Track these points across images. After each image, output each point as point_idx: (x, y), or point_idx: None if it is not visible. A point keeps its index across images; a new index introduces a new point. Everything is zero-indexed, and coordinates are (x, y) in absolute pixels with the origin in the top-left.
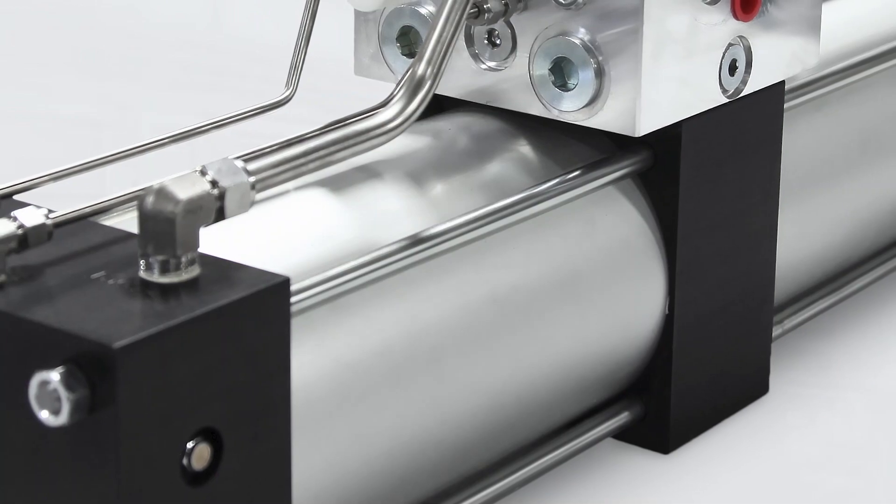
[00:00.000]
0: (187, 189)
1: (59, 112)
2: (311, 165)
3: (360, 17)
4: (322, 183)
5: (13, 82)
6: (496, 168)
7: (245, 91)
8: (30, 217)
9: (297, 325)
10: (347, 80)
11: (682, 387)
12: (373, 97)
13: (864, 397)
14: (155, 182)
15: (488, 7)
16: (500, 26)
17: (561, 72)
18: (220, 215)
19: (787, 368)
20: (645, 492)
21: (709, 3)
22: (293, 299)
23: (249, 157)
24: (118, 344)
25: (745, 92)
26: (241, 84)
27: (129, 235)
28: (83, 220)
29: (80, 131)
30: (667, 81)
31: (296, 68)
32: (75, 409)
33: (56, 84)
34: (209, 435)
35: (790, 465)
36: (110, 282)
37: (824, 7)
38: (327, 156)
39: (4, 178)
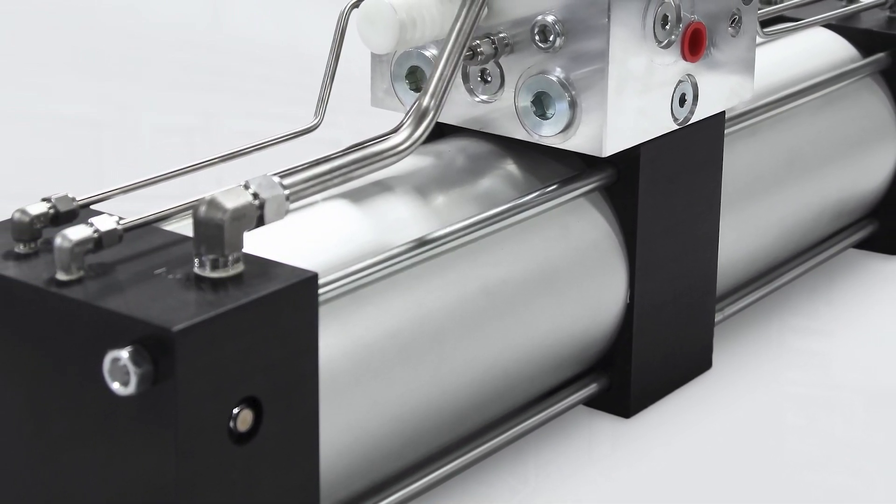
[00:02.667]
0: (233, 200)
1: (59, 112)
2: (336, 181)
3: (375, 58)
4: (344, 195)
5: (13, 82)
6: (487, 183)
7: (245, 91)
8: (104, 223)
9: (323, 313)
10: (365, 110)
11: (640, 363)
12: (386, 124)
13: (863, 397)
14: (206, 194)
15: (481, 51)
16: (490, 66)
17: (541, 103)
18: (261, 222)
19: (788, 367)
20: (610, 449)
21: (662, 47)
22: (320, 291)
23: (284, 174)
24: (177, 328)
25: (693, 120)
26: (241, 84)
27: (185, 238)
28: (147, 226)
29: (80, 131)
30: (628, 111)
31: (323, 101)
32: (141, 381)
33: (56, 84)
34: (251, 402)
35: (789, 465)
36: (170, 276)
37: (757, 51)
38: (348, 173)
39: (13, 180)
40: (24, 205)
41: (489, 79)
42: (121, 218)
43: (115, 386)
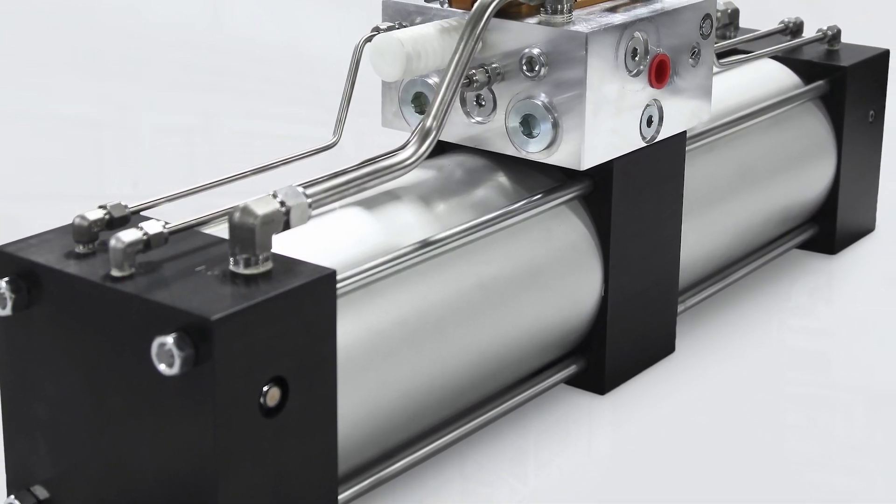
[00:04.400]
0: (263, 207)
1: (59, 112)
2: (351, 190)
3: (385, 85)
4: (358, 203)
5: (13, 82)
6: (482, 192)
7: (245, 91)
8: (152, 227)
9: (340, 304)
10: (377, 130)
11: (613, 347)
12: (394, 142)
13: (863, 397)
14: (240, 202)
15: (476, 79)
16: (484, 92)
17: (528, 124)
18: (287, 226)
19: (788, 367)
20: (587, 420)
21: (632, 76)
22: (338, 286)
23: (307, 185)
24: (215, 317)
25: (658, 138)
26: (241, 84)
27: (222, 240)
28: (189, 229)
29: (80, 131)
30: (603, 131)
31: (340, 122)
32: (184, 363)
33: (56, 84)
34: (279, 381)
35: (790, 465)
36: (209, 273)
37: (714, 79)
38: (362, 184)
39: (13, 180)
40: (24, 204)
41: (483, 103)
42: (166, 223)
43: (162, 367)
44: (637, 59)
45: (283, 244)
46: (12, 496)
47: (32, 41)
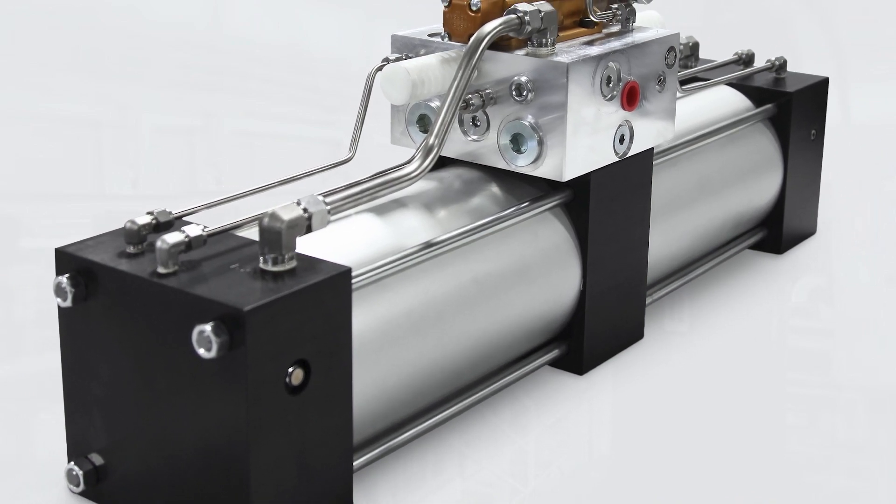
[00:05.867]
0: (289, 213)
1: (59, 112)
2: (364, 199)
3: (394, 108)
4: (370, 209)
5: (13, 82)
6: (477, 200)
7: (245, 91)
8: (193, 230)
9: (355, 297)
10: (386, 147)
11: (590, 334)
12: (401, 157)
13: (864, 397)
14: (268, 209)
15: (472, 103)
16: (479, 114)
17: (517, 142)
18: (309, 230)
19: (787, 368)
20: (567, 396)
21: (607, 100)
22: (353, 281)
23: (327, 194)
24: (247, 308)
25: (629, 154)
26: (241, 84)
27: (253, 241)
28: (225, 232)
29: (80, 131)
30: (581, 147)
31: (355, 140)
32: (220, 348)
33: (56, 84)
34: (302, 363)
35: (790, 466)
36: (242, 270)
37: (677, 102)
38: (374, 193)
39: (13, 180)
40: (24, 204)
41: (478, 123)
42: (205, 226)
43: (201, 352)
44: (611, 85)
45: (306, 245)
46: (72, 462)
47: (32, 41)
